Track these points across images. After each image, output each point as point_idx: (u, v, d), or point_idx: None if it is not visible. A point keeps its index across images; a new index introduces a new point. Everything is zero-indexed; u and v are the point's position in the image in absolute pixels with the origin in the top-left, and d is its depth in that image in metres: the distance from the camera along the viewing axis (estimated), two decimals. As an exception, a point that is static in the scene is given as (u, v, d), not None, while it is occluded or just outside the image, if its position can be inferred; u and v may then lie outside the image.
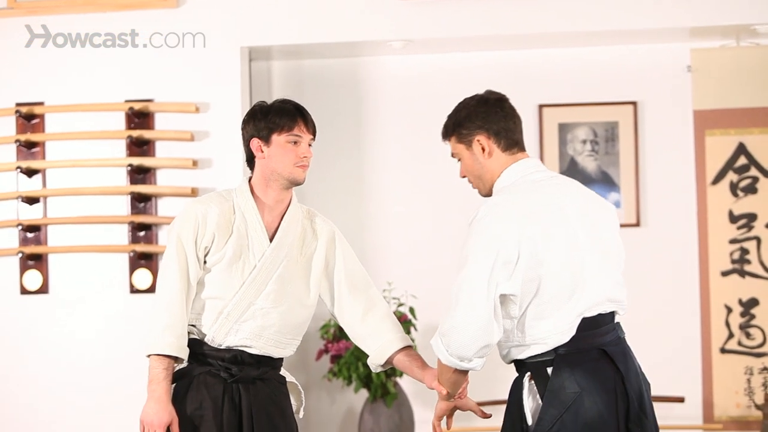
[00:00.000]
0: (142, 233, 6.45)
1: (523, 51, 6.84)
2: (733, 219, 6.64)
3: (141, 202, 6.45)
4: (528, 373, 3.52)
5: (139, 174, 6.45)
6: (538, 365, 3.49)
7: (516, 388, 3.56)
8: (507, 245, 3.40)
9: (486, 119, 3.62)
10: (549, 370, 3.48)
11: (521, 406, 3.53)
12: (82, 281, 6.49)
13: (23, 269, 6.49)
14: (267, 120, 3.85)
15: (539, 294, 3.44)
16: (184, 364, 3.85)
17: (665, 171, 6.77)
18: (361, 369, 6.46)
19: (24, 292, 6.50)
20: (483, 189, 3.67)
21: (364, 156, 6.98)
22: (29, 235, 6.49)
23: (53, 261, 6.50)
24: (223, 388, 3.84)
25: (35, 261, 6.48)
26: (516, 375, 3.60)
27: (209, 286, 3.84)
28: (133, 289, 6.45)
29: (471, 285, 3.40)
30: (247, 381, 3.87)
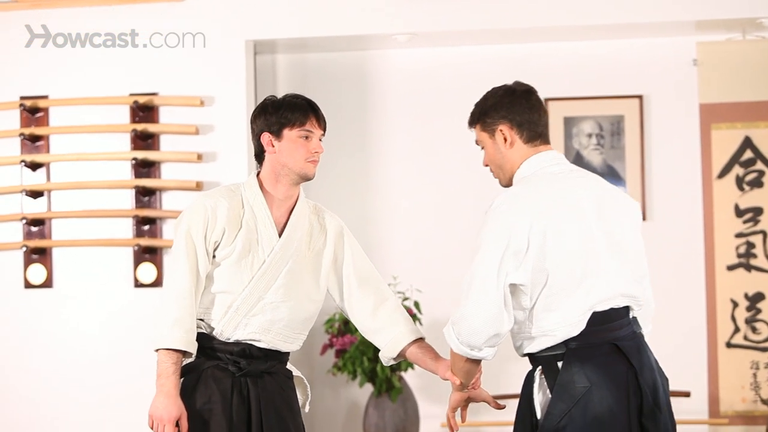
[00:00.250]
0: (146, 227, 6.45)
1: (529, 44, 6.83)
2: (739, 213, 6.62)
3: (145, 195, 6.45)
4: (539, 368, 3.53)
5: (144, 168, 6.45)
6: (549, 359, 3.50)
7: (527, 382, 3.57)
8: (517, 235, 3.41)
9: (510, 110, 3.61)
10: (560, 364, 3.48)
11: (531, 399, 3.54)
12: (86, 275, 6.50)
13: (27, 263, 6.50)
14: (278, 115, 3.84)
15: (548, 285, 3.44)
16: (191, 358, 3.83)
17: (671, 165, 6.76)
18: (366, 363, 6.45)
19: (28, 286, 6.51)
20: (503, 179, 3.67)
21: (368, 150, 6.97)
22: (33, 229, 6.49)
23: (57, 255, 6.51)
24: (232, 382, 3.82)
25: (39, 255, 6.49)
26: (529, 369, 3.61)
27: (218, 280, 3.82)
28: (138, 283, 6.46)
29: (482, 274, 3.41)
30: (256, 375, 3.85)
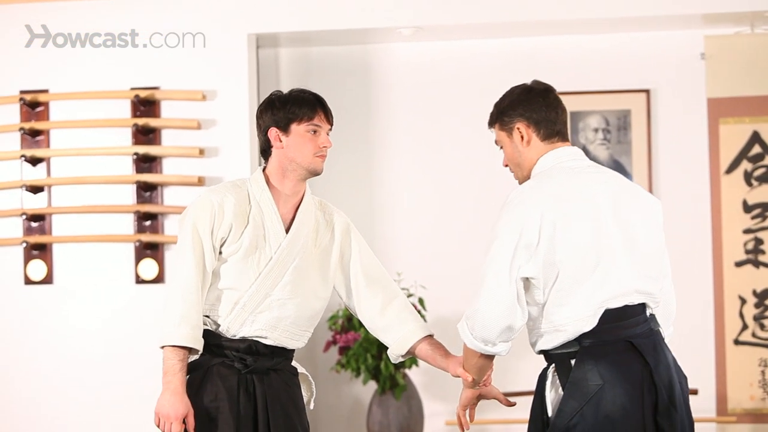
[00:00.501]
0: (147, 223, 6.43)
1: (534, 38, 6.81)
2: (747, 208, 6.60)
3: (147, 191, 6.43)
4: (553, 365, 3.52)
5: (145, 163, 6.43)
6: (562, 357, 3.48)
7: (541, 379, 3.57)
8: (529, 228, 3.42)
9: (528, 108, 3.63)
10: (573, 362, 3.46)
11: (543, 397, 3.53)
12: (87, 271, 6.48)
13: (27, 259, 6.47)
14: (285, 110, 3.83)
15: (559, 279, 3.43)
16: (197, 355, 3.81)
17: (678, 160, 6.73)
18: (370, 360, 6.42)
19: (28, 282, 6.49)
20: (521, 177, 3.68)
21: (372, 144, 6.95)
22: (33, 225, 6.46)
23: (58, 251, 6.49)
24: (238, 379, 3.81)
25: (40, 251, 6.46)
26: (539, 366, 3.60)
27: (225, 276, 3.81)
28: (139, 280, 6.44)
29: (495, 268, 3.42)
30: (261, 372, 3.84)
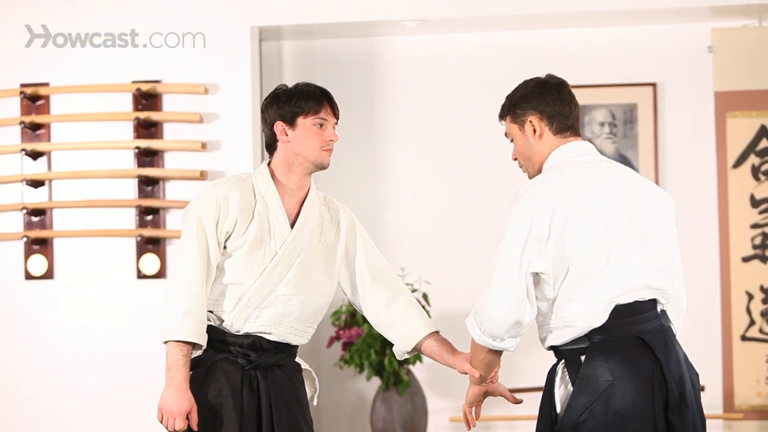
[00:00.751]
0: (149, 217, 6.42)
1: (540, 31, 6.80)
2: (755, 203, 6.58)
3: (148, 185, 6.42)
4: (562, 361, 3.50)
5: (147, 157, 6.42)
6: (572, 353, 3.46)
7: (550, 375, 3.55)
8: (539, 222, 3.41)
9: (541, 101, 3.60)
10: (583, 358, 3.45)
11: (552, 393, 3.51)
12: (88, 266, 6.47)
13: (28, 254, 6.46)
14: (291, 103, 3.81)
15: (569, 274, 3.42)
16: (201, 350, 3.79)
17: (685, 154, 6.72)
18: (373, 356, 6.41)
19: (29, 277, 6.48)
20: (531, 171, 3.66)
21: (376, 138, 6.93)
22: (34, 219, 6.44)
23: (59, 245, 6.47)
24: (241, 375, 3.79)
25: (40, 245, 6.45)
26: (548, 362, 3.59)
27: (229, 271, 3.78)
28: (141, 275, 6.43)
29: (504, 262, 3.40)
30: (265, 368, 3.82)
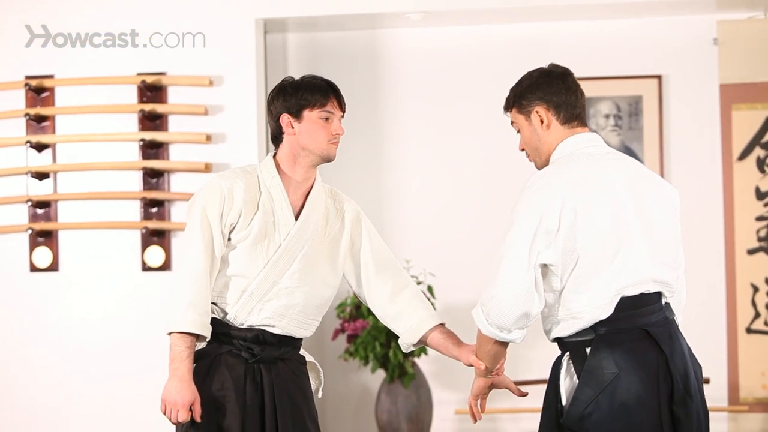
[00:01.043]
0: (154, 209, 6.41)
1: (545, 23, 6.78)
2: (760, 196, 6.57)
3: (153, 177, 6.40)
4: (567, 353, 3.49)
5: (152, 149, 6.40)
6: (577, 345, 3.46)
7: (555, 367, 3.54)
8: (549, 214, 3.39)
9: (547, 91, 3.59)
10: (588, 350, 3.44)
11: (557, 385, 3.50)
12: (93, 258, 6.46)
13: (33, 246, 6.45)
14: (298, 96, 3.80)
15: (578, 266, 3.41)
16: (203, 343, 3.79)
17: (690, 146, 6.70)
18: (378, 349, 6.40)
19: (34, 269, 6.47)
20: (539, 162, 3.65)
21: (381, 130, 6.92)
22: (39, 211, 6.44)
23: (63, 238, 6.46)
24: (245, 368, 3.78)
25: (45, 238, 6.44)
26: (554, 355, 3.56)
27: (233, 263, 3.77)
28: (146, 267, 6.43)
29: (512, 253, 3.39)
30: (269, 361, 3.81)
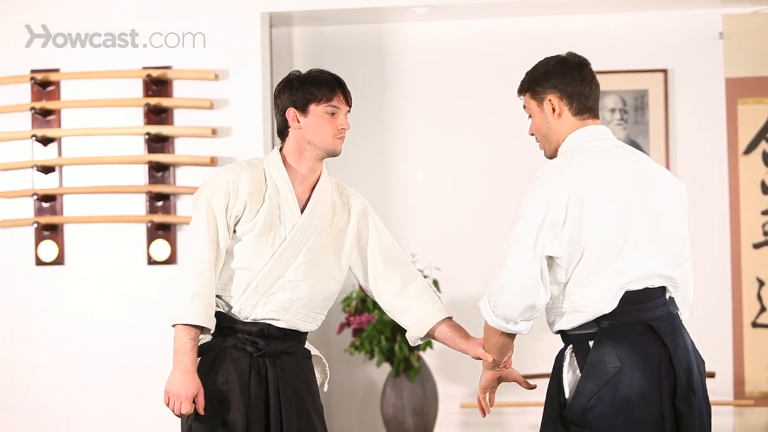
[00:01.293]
0: (159, 203, 6.40)
1: (550, 17, 6.77)
2: (766, 190, 6.58)
3: (159, 171, 6.39)
4: (570, 346, 3.48)
5: (157, 143, 6.39)
6: (580, 338, 3.45)
7: (558, 360, 3.53)
8: (556, 206, 3.38)
9: (562, 80, 3.57)
10: (591, 343, 3.43)
11: (560, 378, 3.49)
12: (98, 252, 6.45)
13: (38, 240, 6.44)
14: (304, 90, 3.80)
15: (583, 259, 3.40)
16: (208, 336, 3.78)
17: (696, 141, 6.69)
18: (384, 342, 6.39)
19: (39, 263, 6.46)
20: (548, 150, 3.63)
21: (386, 124, 6.90)
22: (45, 205, 6.43)
23: (69, 231, 6.46)
24: (249, 362, 3.78)
25: (51, 231, 6.43)
26: (559, 348, 3.56)
27: (238, 256, 3.77)
28: (151, 261, 6.41)
29: (519, 245, 3.39)
30: (274, 355, 3.81)
